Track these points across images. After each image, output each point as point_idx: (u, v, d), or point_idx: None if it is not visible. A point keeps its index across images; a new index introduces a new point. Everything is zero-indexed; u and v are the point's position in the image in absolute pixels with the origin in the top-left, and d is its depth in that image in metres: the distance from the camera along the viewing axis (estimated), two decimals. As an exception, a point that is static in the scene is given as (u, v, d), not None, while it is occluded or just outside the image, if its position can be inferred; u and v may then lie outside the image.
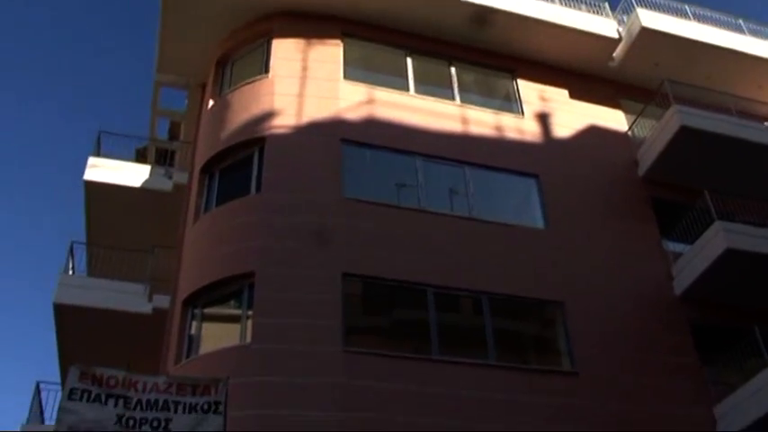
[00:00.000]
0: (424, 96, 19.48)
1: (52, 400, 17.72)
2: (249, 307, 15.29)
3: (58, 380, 18.92)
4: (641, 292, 17.86)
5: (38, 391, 17.52)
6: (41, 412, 17.41)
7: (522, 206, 18.97)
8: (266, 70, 18.87)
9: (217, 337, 15.90)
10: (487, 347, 15.84)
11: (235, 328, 15.51)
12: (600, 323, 16.84)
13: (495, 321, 16.31)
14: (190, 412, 11.93)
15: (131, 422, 11.78)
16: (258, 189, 16.92)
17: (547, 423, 14.92)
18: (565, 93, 21.24)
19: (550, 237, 17.97)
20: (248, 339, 14.82)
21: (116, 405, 11.87)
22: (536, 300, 17.00)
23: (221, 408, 11.93)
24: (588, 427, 15.13)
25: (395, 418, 14.01)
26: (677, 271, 18.33)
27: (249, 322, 15.08)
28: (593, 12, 21.72)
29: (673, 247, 19.01)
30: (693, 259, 17.88)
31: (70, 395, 11.83)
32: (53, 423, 12.13)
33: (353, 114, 18.28)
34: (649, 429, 15.57)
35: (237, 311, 15.87)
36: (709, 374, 17.10)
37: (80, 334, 18.22)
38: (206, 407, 11.95)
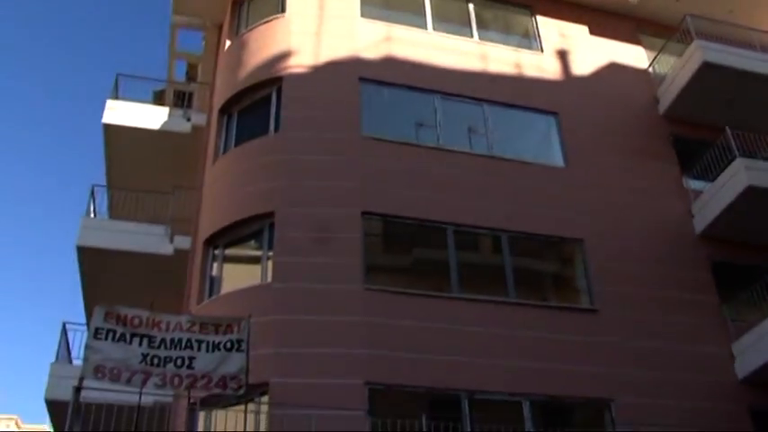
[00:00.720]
0: (443, 34, 19.25)
1: (79, 341, 18.02)
2: (270, 247, 15.41)
3: (84, 321, 19.21)
4: (661, 229, 17.82)
5: (64, 331, 17.76)
6: (69, 352, 17.68)
7: (542, 144, 18.85)
8: (282, 9, 18.68)
9: (238, 277, 16.04)
10: (507, 285, 15.92)
11: (256, 269, 15.65)
12: (619, 261, 16.85)
13: (514, 259, 16.37)
14: (213, 351, 12.11)
15: (156, 360, 11.98)
16: (277, 129, 16.90)
17: (566, 360, 15.03)
18: (584, 29, 20.89)
19: (570, 174, 17.89)
20: (269, 279, 14.97)
21: (140, 344, 12.06)
22: (556, 237, 17.00)
23: (244, 346, 12.10)
24: (607, 364, 15.26)
25: (415, 356, 14.19)
26: (697, 209, 18.23)
27: (270, 262, 15.21)
28: (613, -55, 21.26)
29: (693, 184, 18.88)
30: (714, 197, 17.76)
31: (95, 334, 12.02)
32: (80, 362, 12.30)
33: (371, 53, 18.12)
34: (668, 366, 15.68)
35: (258, 252, 16.00)
36: (728, 312, 17.11)
37: (103, 276, 18.43)
38: (229, 345, 12.12)
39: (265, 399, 13.24)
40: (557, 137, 18.56)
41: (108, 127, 20.21)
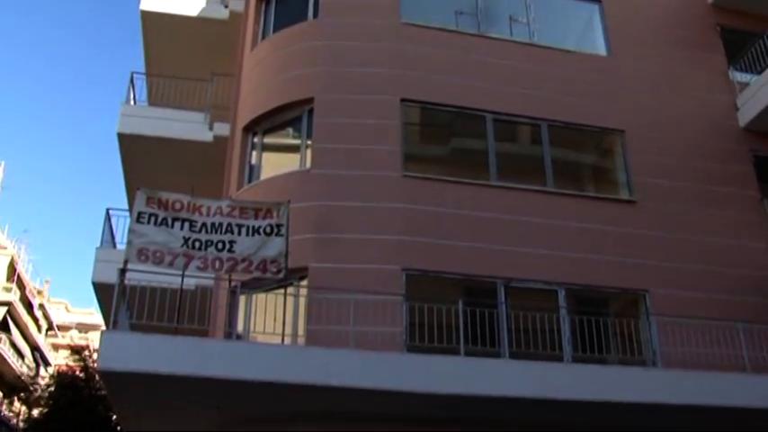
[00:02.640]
0: None
1: (123, 227, 18.31)
2: (308, 134, 15.43)
3: (127, 208, 19.50)
4: (704, 122, 17.49)
5: (108, 217, 18.06)
6: (113, 237, 18.01)
7: (585, 33, 18.41)
8: None
9: (277, 165, 16.13)
10: (546, 175, 15.86)
11: (294, 157, 15.74)
12: (660, 153, 16.64)
13: (553, 150, 16.25)
14: (253, 235, 12.32)
15: (197, 244, 12.24)
16: (315, 14, 16.68)
17: (602, 250, 15.08)
18: None
19: (613, 64, 17.51)
20: (308, 165, 15.06)
21: (182, 228, 12.29)
22: (596, 128, 16.79)
23: (283, 230, 12.30)
24: (644, 256, 15.28)
25: (452, 243, 14.32)
26: (742, 101, 17.81)
27: (309, 149, 15.25)
28: None
29: (739, 77, 18.38)
30: (761, 90, 17.31)
31: (138, 218, 12.25)
32: (124, 247, 12.55)
33: (411, -62, 17.60)
34: (705, 259, 15.67)
35: (297, 141, 16.05)
36: (769, 206, 16.96)
37: (144, 163, 18.63)
38: (268, 229, 12.33)
39: (304, 283, 13.50)
40: (600, 25, 18.09)
41: (146, 14, 20.06)
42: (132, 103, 19.04)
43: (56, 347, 63.33)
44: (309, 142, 15.36)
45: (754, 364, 13.50)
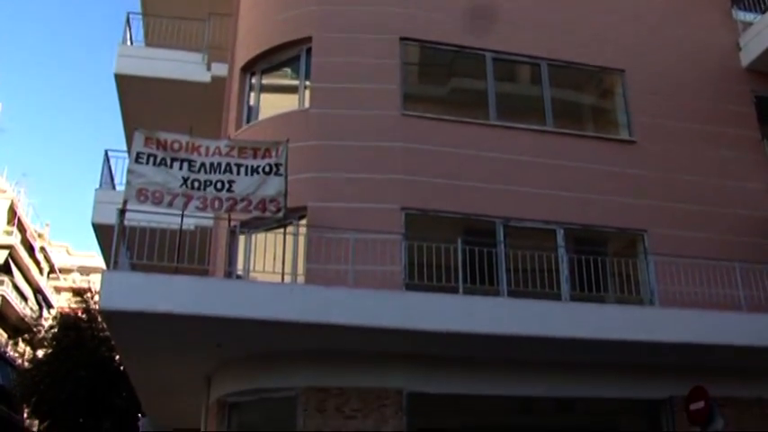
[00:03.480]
0: None
1: (122, 169, 18.26)
2: (307, 74, 15.30)
3: (126, 150, 19.43)
4: (706, 61, 17.34)
5: (107, 158, 18.01)
6: (112, 179, 18.00)
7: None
8: None
9: (275, 105, 16.02)
10: (545, 115, 15.76)
11: (293, 98, 15.62)
12: (661, 93, 16.53)
13: (553, 90, 16.12)
14: (252, 174, 12.33)
15: (196, 184, 12.25)
16: (312, -47, 16.39)
17: (601, 190, 15.08)
18: None
19: (613, 3, 17.31)
20: (306, 104, 14.97)
21: (181, 168, 12.30)
22: (596, 67, 16.65)
23: (282, 169, 12.30)
24: (643, 196, 15.30)
25: (451, 182, 14.32)
26: (745, 41, 17.64)
27: (307, 89, 15.14)
28: None
29: (743, 16, 18.19)
30: (764, 30, 17.12)
31: (137, 159, 12.25)
32: (124, 188, 12.56)
33: None
34: (704, 200, 15.72)
35: (295, 81, 15.91)
36: (769, 148, 16.94)
37: (142, 104, 18.49)
38: (267, 169, 12.34)
39: (303, 222, 13.52)
40: (600, -36, 17.81)
41: (143, -46, 19.77)
42: (129, 43, 18.85)
43: (58, 290, 63.75)
44: (308, 83, 15.24)
45: (749, 304, 13.65)
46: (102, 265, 19.64)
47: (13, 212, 53.26)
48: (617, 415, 14.58)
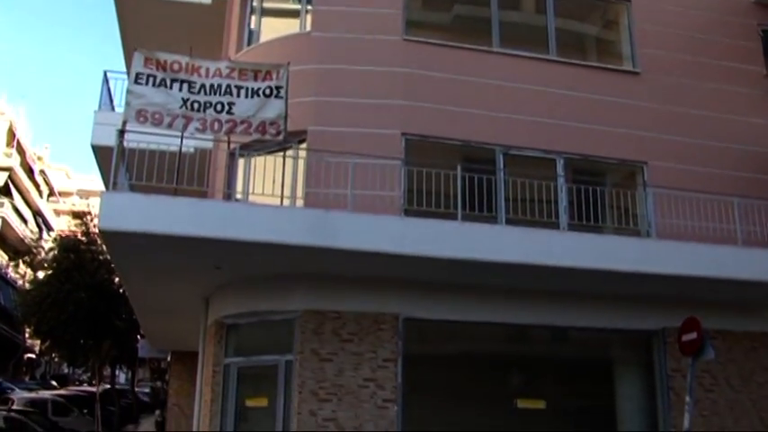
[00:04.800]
0: None
1: (121, 91, 18.06)
2: (308, -1, 15.09)
3: (125, 71, 19.22)
4: (714, -7, 17.06)
5: (106, 79, 17.82)
6: (111, 100, 17.84)
7: None
8: None
9: (276, 29, 15.80)
10: (549, 44, 15.61)
11: (294, 23, 15.42)
12: (666, 25, 16.34)
13: (558, 20, 15.92)
14: (252, 96, 12.22)
15: (196, 105, 12.15)
16: None
17: (603, 121, 15.02)
18: None
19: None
20: (308, 28, 14.79)
21: (181, 89, 12.18)
22: (602, -3, 16.40)
23: (282, 92, 12.19)
24: (644, 128, 15.25)
25: (452, 108, 14.24)
26: (753, -27, 17.35)
27: (309, 13, 14.93)
28: None
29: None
30: (773, -39, 16.86)
31: (136, 79, 12.13)
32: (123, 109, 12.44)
33: None
34: (706, 134, 15.69)
35: (296, 6, 15.69)
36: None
37: (142, 25, 18.26)
38: (268, 91, 12.21)
39: (303, 145, 13.47)
40: None
41: None
42: (130, -37, 18.50)
43: (57, 213, 63.92)
44: (309, 6, 15.01)
45: (745, 239, 13.68)
46: (102, 188, 19.57)
47: (12, 134, 53.03)
48: (610, 345, 14.79)
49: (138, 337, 30.37)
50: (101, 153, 16.16)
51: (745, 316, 14.71)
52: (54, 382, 52.77)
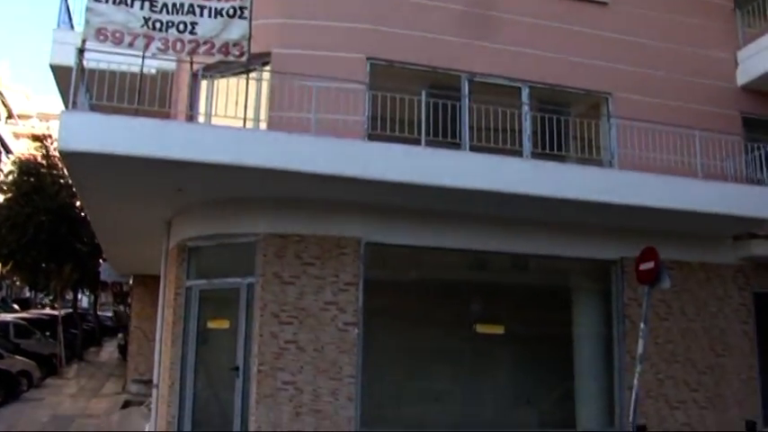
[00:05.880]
0: None
1: (80, 7, 17.57)
2: None
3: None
4: None
5: (64, -6, 17.29)
6: (70, 18, 17.36)
7: None
8: None
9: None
10: (518, -29, 15.40)
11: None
12: (634, -46, 16.18)
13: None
14: (215, 16, 12.00)
15: (158, 25, 11.91)
16: None
17: (569, 50, 14.99)
18: None
19: None
20: (272, -52, 14.44)
21: (142, 8, 11.92)
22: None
23: (246, 13, 11.98)
24: (610, 59, 15.25)
25: (419, 34, 14.07)
26: None
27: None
28: None
29: None
30: None
31: (96, -5, 11.81)
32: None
33: None
34: (670, 66, 15.75)
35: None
36: (741, 18, 16.82)
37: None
38: (231, 12, 12.00)
39: (267, 68, 13.29)
40: None
41: None
42: None
43: (17, 136, 62.84)
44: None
45: (706, 172, 13.86)
46: (62, 109, 19.22)
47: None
48: (569, 273, 15.04)
49: (101, 261, 30.29)
50: (60, 73, 15.84)
51: (701, 247, 15.02)
52: (16, 306, 52.60)
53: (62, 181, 29.85)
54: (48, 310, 44.06)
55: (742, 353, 15.11)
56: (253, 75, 13.10)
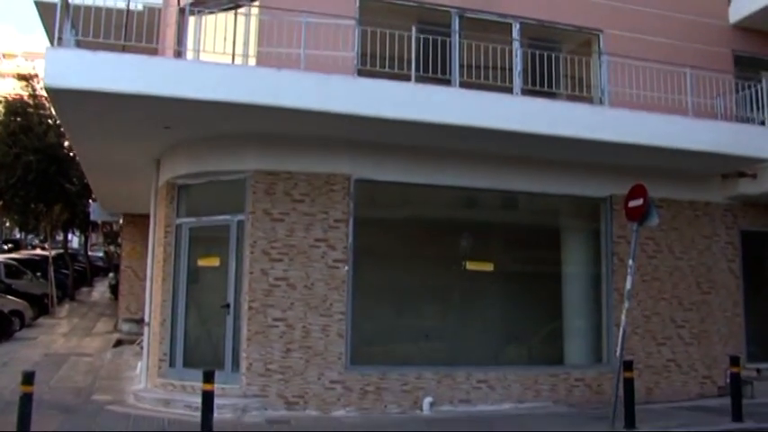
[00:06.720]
0: None
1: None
2: None
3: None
4: None
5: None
6: (54, -47, 17.02)
7: None
8: None
9: None
10: None
11: None
12: None
13: None
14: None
15: (144, -41, 11.67)
16: None
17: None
18: None
19: None
20: None
21: (127, -59, 11.66)
22: None
23: (234, -54, 11.76)
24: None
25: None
26: None
27: None
28: None
29: None
30: None
31: None
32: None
33: None
34: (663, 3, 15.70)
35: None
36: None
37: None
38: (218, -55, 11.77)
39: (256, 3, 13.10)
40: None
41: None
42: None
43: (2, 75, 62.10)
44: None
45: (696, 110, 13.83)
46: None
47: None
48: (558, 211, 15.09)
49: (90, 200, 30.19)
50: (45, 9, 15.64)
51: (690, 185, 15.08)
52: (6, 247, 52.62)
53: (50, 121, 29.59)
54: (38, 251, 44.08)
55: (728, 290, 15.29)
56: (241, 10, 12.92)
